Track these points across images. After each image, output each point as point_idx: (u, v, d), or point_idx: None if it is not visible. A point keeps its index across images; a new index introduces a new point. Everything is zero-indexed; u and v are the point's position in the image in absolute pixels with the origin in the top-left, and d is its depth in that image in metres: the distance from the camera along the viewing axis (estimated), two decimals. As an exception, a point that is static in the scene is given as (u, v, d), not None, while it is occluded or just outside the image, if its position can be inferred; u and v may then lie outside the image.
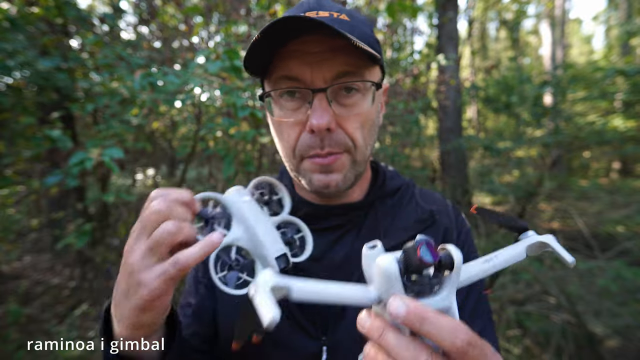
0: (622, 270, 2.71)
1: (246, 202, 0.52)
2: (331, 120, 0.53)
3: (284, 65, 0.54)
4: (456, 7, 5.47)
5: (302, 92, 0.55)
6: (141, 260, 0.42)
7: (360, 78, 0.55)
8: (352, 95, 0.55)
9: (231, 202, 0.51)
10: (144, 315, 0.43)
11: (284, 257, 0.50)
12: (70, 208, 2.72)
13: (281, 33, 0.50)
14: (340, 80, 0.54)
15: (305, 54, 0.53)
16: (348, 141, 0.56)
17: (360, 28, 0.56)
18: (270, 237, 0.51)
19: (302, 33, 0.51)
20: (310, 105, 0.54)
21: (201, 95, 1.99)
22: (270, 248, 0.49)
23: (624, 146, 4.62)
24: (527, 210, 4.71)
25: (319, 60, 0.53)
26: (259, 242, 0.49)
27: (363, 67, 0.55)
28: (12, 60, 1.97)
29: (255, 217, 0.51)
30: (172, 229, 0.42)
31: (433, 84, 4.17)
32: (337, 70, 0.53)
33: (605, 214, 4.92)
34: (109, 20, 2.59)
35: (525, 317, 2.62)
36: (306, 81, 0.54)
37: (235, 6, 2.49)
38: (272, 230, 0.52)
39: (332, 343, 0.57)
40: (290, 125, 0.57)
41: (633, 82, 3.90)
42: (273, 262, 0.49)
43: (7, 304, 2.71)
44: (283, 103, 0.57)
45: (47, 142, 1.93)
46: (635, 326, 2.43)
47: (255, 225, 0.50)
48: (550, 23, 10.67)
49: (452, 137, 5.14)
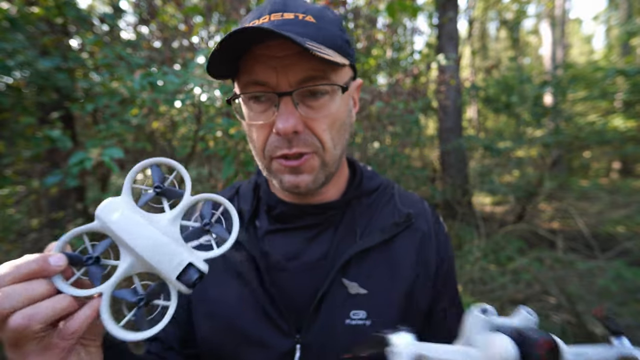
0: (622, 270, 2.72)
1: (115, 221, 0.40)
2: (297, 123, 0.53)
3: (250, 69, 0.54)
4: (456, 7, 5.46)
5: (269, 96, 0.55)
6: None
7: (326, 81, 0.55)
8: (319, 97, 0.55)
9: (101, 226, 0.41)
10: None
11: (191, 270, 0.40)
12: (70, 208, 2.72)
13: (242, 42, 0.51)
14: (306, 84, 0.54)
15: (270, 58, 0.53)
16: (316, 142, 0.56)
17: (327, 29, 0.55)
18: (162, 252, 0.40)
19: (265, 38, 0.51)
20: (277, 108, 0.54)
21: (201, 95, 1.99)
22: (167, 269, 0.40)
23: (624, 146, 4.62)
24: (527, 210, 4.71)
25: (284, 65, 0.53)
26: (150, 267, 0.40)
27: (329, 69, 0.54)
28: (12, 60, 1.97)
29: (134, 234, 0.40)
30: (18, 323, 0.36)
31: (433, 84, 4.17)
32: (302, 75, 0.53)
33: (605, 214, 4.91)
34: (109, 20, 2.59)
35: (525, 317, 2.62)
36: (272, 85, 0.54)
37: (235, 6, 2.49)
38: (164, 240, 0.41)
39: (305, 341, 0.57)
40: (259, 127, 0.57)
41: (633, 82, 3.90)
42: (178, 285, 0.40)
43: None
44: (251, 105, 0.57)
45: (47, 142, 1.92)
46: (635, 326, 2.43)
47: (136, 246, 0.40)
48: (551, 23, 10.67)
49: (452, 137, 5.14)
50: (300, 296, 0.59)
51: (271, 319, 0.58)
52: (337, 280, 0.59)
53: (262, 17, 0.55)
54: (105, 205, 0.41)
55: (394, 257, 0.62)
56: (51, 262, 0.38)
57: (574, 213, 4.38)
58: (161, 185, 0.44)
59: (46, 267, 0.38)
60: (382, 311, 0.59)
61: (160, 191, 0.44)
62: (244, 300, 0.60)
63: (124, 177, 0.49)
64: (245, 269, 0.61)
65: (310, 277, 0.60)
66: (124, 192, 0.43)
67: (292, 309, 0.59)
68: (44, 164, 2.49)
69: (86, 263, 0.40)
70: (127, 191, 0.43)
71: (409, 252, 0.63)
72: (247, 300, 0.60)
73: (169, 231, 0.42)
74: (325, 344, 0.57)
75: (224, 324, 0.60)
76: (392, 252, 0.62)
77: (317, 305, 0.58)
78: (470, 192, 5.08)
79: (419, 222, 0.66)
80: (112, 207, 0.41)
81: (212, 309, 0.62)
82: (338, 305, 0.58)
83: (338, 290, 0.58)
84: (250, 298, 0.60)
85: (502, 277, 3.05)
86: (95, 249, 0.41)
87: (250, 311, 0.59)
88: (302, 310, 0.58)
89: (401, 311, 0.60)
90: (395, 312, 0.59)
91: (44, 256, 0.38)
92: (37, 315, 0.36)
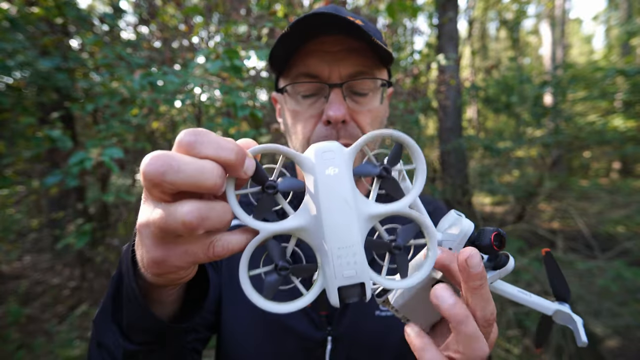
0: (622, 270, 2.71)
1: (327, 174, 0.31)
2: (346, 112, 0.58)
3: (303, 62, 0.59)
4: (456, 7, 5.46)
5: (319, 87, 0.60)
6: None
7: (372, 76, 0.61)
8: (364, 93, 0.61)
9: (309, 168, 0.31)
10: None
11: (357, 290, 0.31)
12: (70, 208, 2.72)
13: (305, 30, 0.55)
14: (354, 79, 0.59)
15: (324, 53, 0.58)
16: (360, 134, 0.60)
17: (374, 33, 0.60)
18: (345, 245, 0.30)
19: (321, 33, 0.56)
20: (327, 99, 0.59)
21: (201, 95, 1.99)
22: (334, 268, 0.30)
23: (624, 146, 4.62)
24: (527, 210, 4.71)
25: (336, 59, 0.58)
26: (318, 247, 0.31)
27: (375, 67, 0.61)
28: (12, 60, 1.97)
29: (333, 202, 0.30)
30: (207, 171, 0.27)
31: (433, 84, 4.17)
32: (352, 69, 0.58)
33: (605, 214, 4.91)
34: (109, 20, 2.59)
35: (525, 317, 2.62)
36: (323, 77, 0.59)
37: (235, 6, 2.49)
38: (357, 238, 0.31)
39: (337, 333, 0.60)
40: (306, 117, 0.61)
41: (633, 82, 3.90)
42: (332, 292, 0.31)
43: (7, 304, 2.71)
44: (299, 98, 0.61)
45: (47, 142, 1.93)
46: (635, 326, 2.43)
47: (326, 216, 0.30)
48: (550, 23, 10.67)
49: (452, 137, 5.14)
50: None
51: (304, 311, 0.61)
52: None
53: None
54: (327, 151, 0.31)
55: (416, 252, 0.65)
56: (246, 164, 0.29)
57: (574, 213, 4.38)
58: (388, 167, 0.33)
59: (238, 167, 0.29)
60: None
61: (386, 174, 0.33)
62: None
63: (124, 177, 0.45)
64: None
65: None
66: (353, 149, 0.32)
67: (322, 302, 0.61)
68: (44, 164, 2.49)
69: (266, 188, 0.31)
70: (354, 150, 0.32)
71: None
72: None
73: (365, 227, 0.32)
74: (356, 335, 0.60)
75: (258, 312, 0.60)
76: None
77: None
78: (470, 192, 5.07)
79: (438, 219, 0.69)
80: (332, 158, 0.31)
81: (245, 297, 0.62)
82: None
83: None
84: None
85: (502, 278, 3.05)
86: (281, 180, 0.32)
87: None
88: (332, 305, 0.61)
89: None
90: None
91: (243, 153, 0.29)
92: (209, 220, 0.28)
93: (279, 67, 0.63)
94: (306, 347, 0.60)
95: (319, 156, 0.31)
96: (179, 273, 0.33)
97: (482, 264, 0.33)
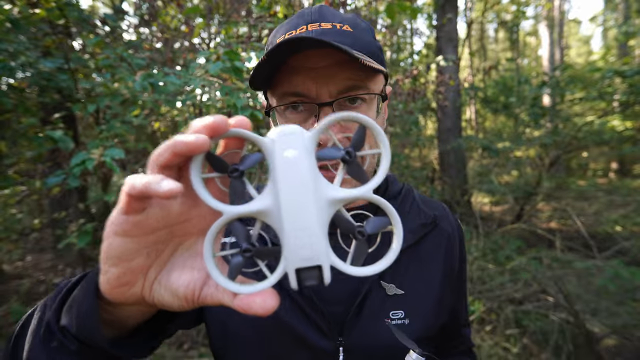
0: (620, 269, 2.73)
1: (285, 156, 0.31)
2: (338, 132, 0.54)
3: (288, 81, 0.55)
4: (455, 8, 5.49)
5: (308, 106, 0.56)
6: None
7: (365, 90, 0.56)
8: (358, 105, 0.56)
9: (270, 152, 0.31)
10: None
11: (314, 273, 0.31)
12: (72, 208, 2.73)
13: (281, 54, 0.50)
14: (346, 94, 0.54)
15: (310, 69, 0.53)
16: None
17: (363, 38, 0.56)
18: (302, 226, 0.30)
19: (305, 48, 0.51)
20: (317, 118, 0.54)
21: (202, 95, 2.00)
22: (293, 250, 0.30)
23: (622, 146, 4.65)
24: (525, 210, 4.73)
25: (323, 75, 0.53)
26: (279, 228, 0.31)
27: (368, 78, 0.55)
28: (14, 61, 1.99)
29: (290, 181, 0.30)
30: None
31: (432, 85, 4.19)
32: (342, 85, 0.54)
33: (603, 213, 4.94)
34: (111, 22, 2.61)
35: (523, 316, 2.64)
36: (311, 96, 0.54)
37: (236, 7, 2.51)
38: (313, 218, 0.31)
39: (348, 343, 0.58)
40: None
41: (631, 83, 3.92)
42: (291, 275, 0.30)
43: (9, 303, 2.72)
44: (288, 116, 0.57)
45: (49, 143, 1.94)
46: (632, 325, 2.44)
47: (282, 197, 0.30)
48: (549, 24, 10.70)
49: (451, 137, 5.15)
50: (338, 300, 0.59)
51: (313, 321, 0.58)
52: (376, 283, 0.60)
53: (299, 27, 0.55)
54: (287, 134, 0.31)
55: (423, 257, 0.64)
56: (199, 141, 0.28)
57: (572, 213, 4.40)
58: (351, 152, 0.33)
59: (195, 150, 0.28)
60: (418, 309, 0.61)
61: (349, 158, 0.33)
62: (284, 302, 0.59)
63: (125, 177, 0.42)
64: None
65: (347, 281, 0.59)
66: (314, 133, 0.32)
67: (332, 312, 0.59)
68: (46, 165, 2.50)
69: (230, 173, 0.31)
70: (315, 135, 0.32)
71: (437, 253, 0.65)
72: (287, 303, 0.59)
73: (325, 210, 0.32)
74: (368, 344, 0.58)
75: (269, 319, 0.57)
76: (421, 253, 0.64)
77: (358, 308, 0.59)
78: (469, 192, 5.09)
79: (443, 224, 0.68)
80: (291, 141, 0.31)
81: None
82: (378, 307, 0.59)
83: (377, 293, 0.60)
84: (289, 302, 0.59)
85: (501, 277, 3.07)
86: (243, 161, 0.32)
87: (293, 313, 0.59)
88: (342, 313, 0.59)
89: (434, 308, 0.62)
90: (429, 309, 0.62)
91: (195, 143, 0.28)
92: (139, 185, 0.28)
93: (262, 85, 0.58)
94: (316, 358, 0.58)
95: (278, 139, 0.31)
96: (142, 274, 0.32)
97: None
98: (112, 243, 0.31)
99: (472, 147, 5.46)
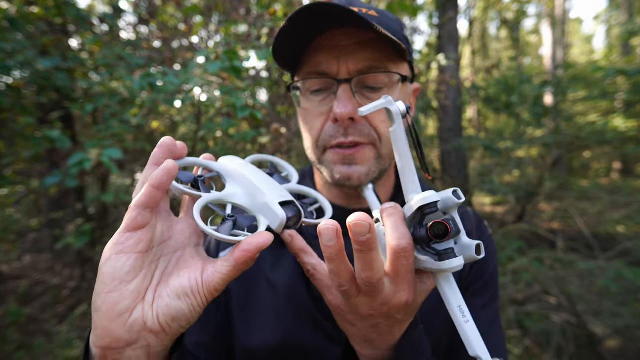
0: (622, 270, 2.71)
1: (242, 164, 0.46)
2: (354, 110, 0.54)
3: (312, 59, 0.56)
4: (456, 6, 5.46)
5: (328, 84, 0.56)
6: None
7: (385, 71, 0.55)
8: (377, 90, 0.56)
9: (223, 165, 0.45)
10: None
11: (292, 205, 0.41)
12: (69, 208, 2.72)
13: (308, 24, 0.51)
14: (365, 74, 0.55)
15: (333, 47, 0.54)
16: (373, 133, 0.56)
17: (389, 24, 0.57)
18: (272, 186, 0.43)
19: (329, 27, 0.52)
20: (335, 95, 0.55)
21: (201, 95, 1.99)
22: (272, 194, 0.40)
23: (625, 146, 4.62)
24: (527, 210, 4.71)
25: (346, 53, 0.54)
26: (257, 190, 0.41)
27: (389, 61, 0.55)
28: (11, 60, 1.97)
29: (253, 173, 0.44)
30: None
31: (433, 84, 4.17)
32: (362, 64, 0.54)
33: (605, 214, 4.91)
34: (109, 20, 2.59)
35: (525, 317, 2.62)
36: (332, 74, 0.55)
37: (235, 6, 2.49)
38: (276, 184, 0.44)
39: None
40: (315, 115, 0.58)
41: (634, 82, 3.89)
42: (277, 209, 0.39)
43: (7, 304, 2.70)
44: (309, 96, 0.58)
45: (47, 142, 1.92)
46: (635, 326, 2.43)
47: (252, 178, 0.43)
48: (551, 23, 10.66)
49: (452, 136, 5.13)
50: None
51: (326, 330, 0.57)
52: None
53: None
54: (233, 158, 0.47)
55: None
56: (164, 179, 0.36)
57: (574, 213, 4.38)
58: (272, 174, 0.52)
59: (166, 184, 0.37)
60: (430, 314, 0.59)
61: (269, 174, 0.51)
62: (294, 311, 0.58)
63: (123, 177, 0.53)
64: (292, 277, 0.59)
65: None
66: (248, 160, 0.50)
67: None
68: (43, 164, 2.49)
69: (192, 185, 0.42)
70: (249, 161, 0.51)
71: None
72: (298, 311, 0.58)
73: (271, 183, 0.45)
74: None
75: (278, 335, 0.57)
76: None
77: None
78: (471, 192, 5.07)
79: (465, 224, 0.67)
80: (229, 161, 0.46)
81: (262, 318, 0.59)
82: None
83: None
84: (300, 309, 0.58)
85: (503, 277, 3.05)
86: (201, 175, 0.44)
87: (304, 322, 0.57)
88: None
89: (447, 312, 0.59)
90: (441, 313, 0.59)
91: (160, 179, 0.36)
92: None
93: (290, 65, 0.60)
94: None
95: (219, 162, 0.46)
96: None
97: (368, 235, 0.34)
98: (116, 264, 0.34)
99: (474, 147, 5.44)
